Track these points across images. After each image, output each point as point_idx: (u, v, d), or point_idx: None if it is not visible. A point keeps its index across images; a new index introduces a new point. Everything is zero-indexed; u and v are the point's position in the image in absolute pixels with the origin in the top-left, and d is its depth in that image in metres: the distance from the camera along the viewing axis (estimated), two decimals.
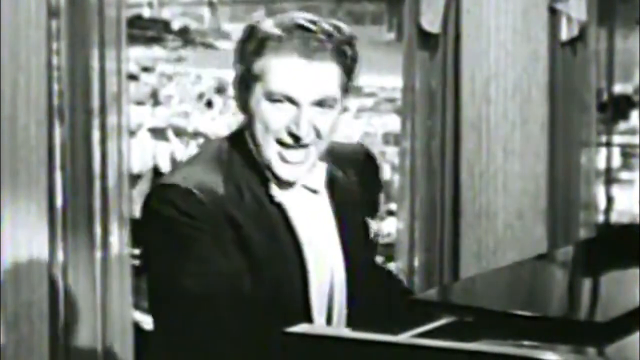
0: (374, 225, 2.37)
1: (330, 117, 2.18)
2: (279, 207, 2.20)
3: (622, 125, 5.62)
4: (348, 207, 2.31)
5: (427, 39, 4.26)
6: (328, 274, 2.26)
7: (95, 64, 4.03)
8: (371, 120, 6.76)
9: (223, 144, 2.24)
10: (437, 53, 4.27)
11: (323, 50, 2.13)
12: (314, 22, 2.16)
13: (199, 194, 2.12)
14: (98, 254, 4.07)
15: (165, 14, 6.67)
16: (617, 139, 5.16)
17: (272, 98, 2.13)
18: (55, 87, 4.00)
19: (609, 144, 4.71)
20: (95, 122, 4.05)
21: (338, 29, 2.18)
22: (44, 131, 3.96)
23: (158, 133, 6.33)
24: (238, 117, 2.32)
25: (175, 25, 6.71)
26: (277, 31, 2.13)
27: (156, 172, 5.88)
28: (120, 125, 4.08)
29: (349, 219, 2.30)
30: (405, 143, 4.33)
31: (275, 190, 2.20)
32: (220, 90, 6.79)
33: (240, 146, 2.22)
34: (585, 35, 4.29)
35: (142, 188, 5.53)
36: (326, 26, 2.16)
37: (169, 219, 2.12)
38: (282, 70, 2.12)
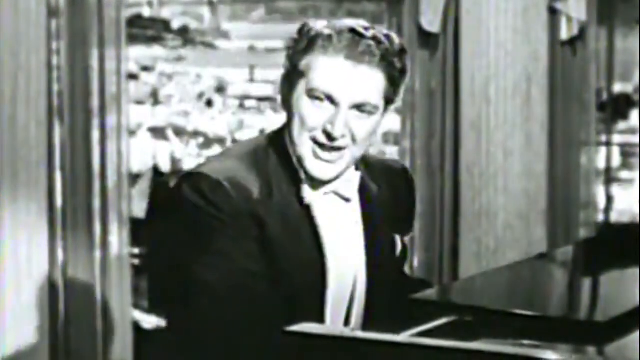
0: (399, 244, 2.37)
1: (368, 123, 2.17)
2: (307, 210, 2.20)
3: (621, 125, 5.63)
4: (378, 220, 2.30)
5: (427, 39, 4.27)
6: (350, 282, 2.25)
7: (95, 63, 4.03)
8: None
9: (261, 142, 2.25)
10: (437, 53, 4.27)
11: (371, 55, 2.13)
12: (366, 28, 2.16)
13: (229, 187, 2.12)
14: (98, 254, 4.07)
15: (165, 13, 6.67)
16: (617, 138, 5.17)
17: (312, 95, 2.13)
18: (55, 86, 4.01)
19: (608, 144, 4.72)
20: (95, 122, 4.05)
21: (389, 38, 2.17)
22: (43, 131, 3.96)
23: (158, 132, 6.33)
24: (238, 117, 2.31)
25: (175, 24, 6.71)
26: (328, 31, 2.14)
27: (156, 171, 5.88)
28: (120, 125, 4.08)
29: (377, 232, 2.29)
30: (405, 143, 4.34)
31: (306, 191, 2.20)
32: (220, 89, 6.79)
33: (278, 145, 2.22)
34: (585, 35, 4.29)
35: (142, 188, 5.53)
36: (378, 34, 2.16)
37: (196, 208, 2.12)
38: (327, 68, 2.13)
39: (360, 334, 1.77)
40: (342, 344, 1.73)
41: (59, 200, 4.03)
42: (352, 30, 2.13)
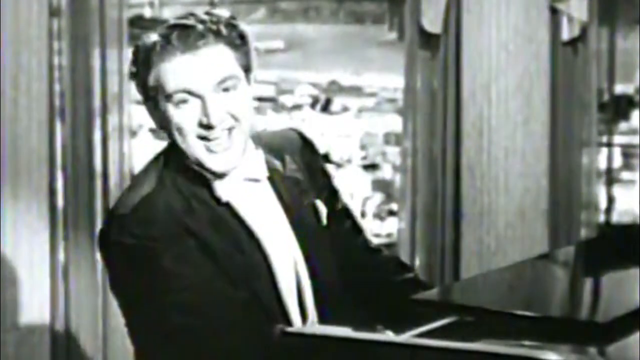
0: (323, 208, 2.35)
1: (238, 98, 2.17)
2: (228, 206, 2.20)
3: (623, 125, 5.63)
4: (292, 195, 2.29)
5: (428, 39, 4.27)
6: (292, 263, 2.26)
7: (96, 64, 4.03)
8: (372, 120, 6.77)
9: (160, 159, 2.26)
10: (439, 53, 4.27)
11: (203, 37, 2.13)
12: (187, 17, 2.17)
13: (152, 213, 2.13)
14: (99, 254, 4.06)
15: (166, 14, 6.67)
16: (618, 139, 5.17)
17: (174, 100, 2.14)
18: (57, 87, 4.00)
19: (610, 144, 4.72)
20: (97, 122, 4.05)
21: (212, 15, 2.18)
22: (45, 131, 3.96)
23: (159, 133, 6.33)
24: None
25: None
26: (156, 39, 2.15)
27: None
28: (122, 125, 4.08)
29: (296, 206, 2.29)
30: (407, 143, 4.34)
31: (219, 190, 2.20)
32: None
33: (175, 157, 2.22)
34: (586, 35, 4.29)
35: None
36: (201, 16, 2.17)
37: (131, 247, 2.12)
38: (172, 71, 2.13)
39: (361, 334, 1.77)
40: (342, 344, 1.73)
41: (60, 201, 4.03)
42: (175, 26, 2.15)
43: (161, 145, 2.32)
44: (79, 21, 4.00)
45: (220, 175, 2.20)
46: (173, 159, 2.23)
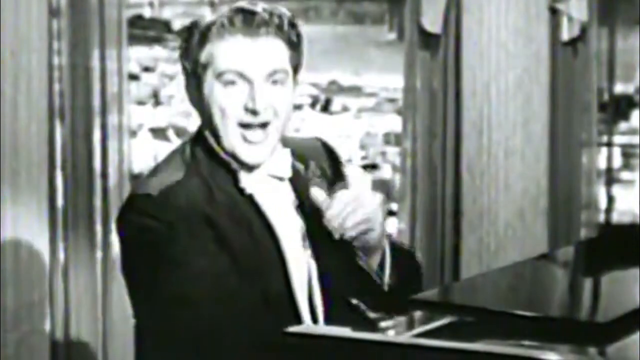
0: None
1: (283, 93, 2.20)
2: (250, 199, 2.21)
3: (623, 125, 5.62)
4: (308, 195, 2.30)
5: (428, 39, 4.27)
6: (305, 265, 2.26)
7: (96, 64, 4.03)
8: (372, 120, 6.76)
9: (187, 147, 2.27)
10: (438, 53, 4.27)
11: (266, 27, 2.17)
12: (254, 4, 2.21)
13: (172, 198, 2.14)
14: (99, 254, 4.07)
15: (166, 14, 6.66)
16: (618, 139, 5.16)
17: (224, 80, 2.17)
18: (56, 87, 4.00)
19: (609, 144, 4.71)
20: (96, 122, 4.05)
21: (276, 9, 2.22)
22: (44, 131, 3.96)
23: (159, 133, 6.33)
24: None
25: (176, 25, 6.71)
26: (219, 19, 2.19)
27: None
28: (121, 125, 4.08)
29: (315, 211, 2.29)
30: (407, 143, 4.34)
31: (244, 181, 2.21)
32: None
33: (203, 146, 2.24)
34: (586, 35, 4.29)
35: None
36: (267, 7, 2.21)
37: (147, 229, 2.13)
38: (229, 50, 2.17)
39: (361, 334, 1.77)
40: (342, 344, 1.73)
41: (59, 201, 4.03)
42: (242, 10, 2.18)
43: (161, 145, 2.33)
44: (79, 21, 4.00)
45: (248, 168, 2.21)
46: (200, 148, 2.24)
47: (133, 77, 5.88)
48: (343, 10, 6.23)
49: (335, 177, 2.38)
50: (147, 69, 6.69)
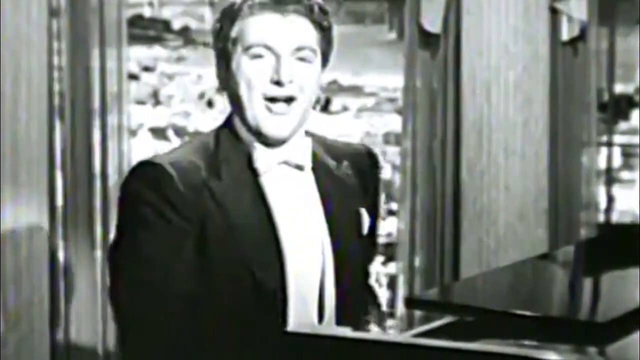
0: (367, 218, 2.35)
1: (310, 71, 2.22)
2: (258, 185, 2.21)
3: (622, 125, 5.62)
4: (336, 192, 2.30)
5: (428, 39, 4.26)
6: (318, 260, 2.25)
7: (95, 63, 4.03)
8: (372, 119, 6.76)
9: (211, 133, 2.30)
10: (438, 53, 4.27)
11: (297, 4, 2.21)
12: None
13: (172, 171, 2.15)
14: (98, 254, 4.07)
15: (166, 13, 6.66)
16: (618, 138, 5.16)
17: (251, 53, 2.20)
18: (56, 87, 4.01)
19: (609, 144, 4.71)
20: (96, 122, 4.05)
21: None
22: (44, 131, 3.96)
23: (159, 133, 6.33)
24: None
25: (176, 24, 6.71)
26: None
27: None
28: (121, 125, 4.08)
29: (337, 206, 2.29)
30: (406, 143, 4.33)
31: (259, 160, 2.22)
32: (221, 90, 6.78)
33: (228, 128, 2.26)
34: (586, 35, 4.29)
35: None
36: None
37: (139, 196, 2.15)
38: (258, 25, 2.20)
39: (361, 334, 1.77)
40: (342, 344, 1.73)
41: (59, 200, 4.03)
42: None
43: (161, 145, 2.33)
44: (79, 21, 4.00)
45: (270, 144, 2.21)
46: (225, 131, 2.26)
47: (133, 76, 5.88)
48: (343, 10, 6.22)
49: (368, 183, 2.38)
50: (146, 69, 6.69)
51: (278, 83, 2.18)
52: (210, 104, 6.71)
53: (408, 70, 4.30)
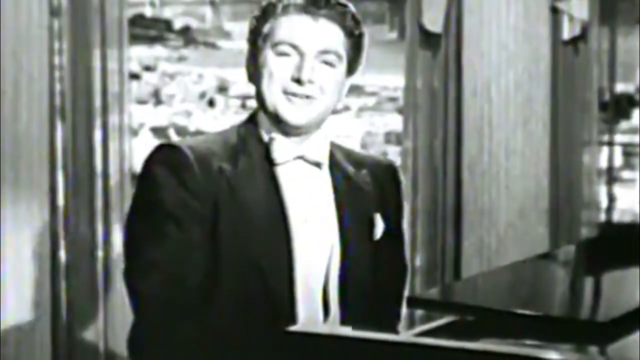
0: (381, 224, 2.36)
1: (333, 74, 2.25)
2: (273, 177, 2.23)
3: (623, 125, 5.62)
4: (351, 195, 2.32)
5: (429, 39, 4.27)
6: (325, 259, 2.26)
7: (97, 63, 4.03)
8: (373, 119, 6.77)
9: (233, 128, 2.32)
10: (439, 52, 4.27)
11: (329, 10, 2.25)
12: None
13: (190, 154, 2.18)
14: (100, 253, 4.07)
15: (167, 13, 6.67)
16: (618, 138, 5.16)
17: (278, 50, 2.23)
18: (57, 86, 4.00)
19: (610, 143, 4.71)
20: (97, 122, 4.05)
21: (342, 3, 2.29)
22: (45, 130, 3.96)
23: (160, 132, 6.34)
24: (240, 116, 2.35)
25: (177, 24, 6.71)
26: None
27: None
28: (122, 125, 4.08)
29: (352, 209, 2.31)
30: (407, 142, 4.34)
31: (276, 151, 2.24)
32: (221, 89, 6.79)
33: (247, 122, 2.30)
34: (586, 34, 4.29)
35: None
36: None
37: (156, 178, 2.18)
38: (288, 24, 2.24)
39: (361, 334, 1.77)
40: (342, 344, 1.73)
41: (60, 200, 4.03)
42: None
43: None
44: (80, 21, 4.00)
45: (287, 132, 2.24)
46: (246, 122, 2.30)
47: (134, 76, 5.89)
48: None
49: (386, 195, 2.39)
50: (148, 68, 6.70)
51: (298, 81, 2.21)
52: (211, 103, 6.72)
53: (409, 70, 4.30)
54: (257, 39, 2.27)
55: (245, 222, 2.18)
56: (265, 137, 2.26)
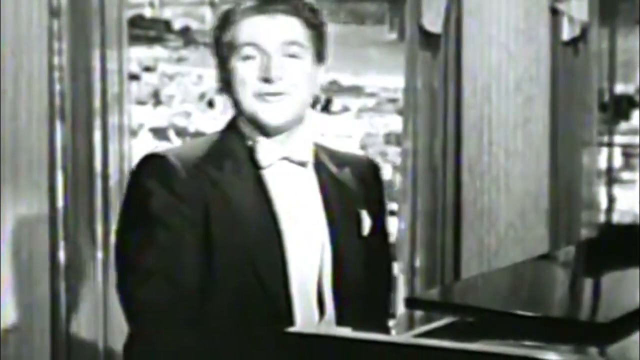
0: (367, 220, 2.36)
1: (301, 67, 2.27)
2: (260, 180, 2.25)
3: (623, 125, 5.62)
4: (337, 193, 2.33)
5: (428, 39, 4.26)
6: (316, 258, 2.27)
7: (96, 64, 4.03)
8: (373, 120, 6.76)
9: (216, 133, 2.35)
10: (439, 53, 4.27)
11: (284, 5, 2.26)
12: None
13: (177, 162, 2.19)
14: (99, 254, 4.07)
15: (167, 14, 6.66)
16: (618, 139, 5.16)
17: (242, 54, 2.25)
18: (57, 87, 4.00)
19: (610, 144, 4.71)
20: (97, 122, 4.05)
21: None
22: (45, 131, 3.96)
23: (159, 133, 6.33)
24: None
25: (177, 25, 6.71)
26: (241, 2, 2.28)
27: None
28: (122, 125, 4.08)
29: (337, 207, 2.31)
30: (407, 143, 4.33)
31: (260, 153, 2.25)
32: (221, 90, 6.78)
33: (229, 128, 2.32)
34: (586, 35, 4.29)
35: None
36: None
37: (144, 188, 2.19)
38: (247, 27, 2.26)
39: (361, 334, 1.77)
40: (341, 345, 1.73)
41: (60, 201, 4.03)
42: None
43: (162, 145, 2.35)
44: (79, 21, 4.00)
45: (268, 133, 2.25)
46: (227, 128, 2.32)
47: (133, 77, 5.88)
48: (343, 10, 6.22)
49: (370, 191, 2.41)
50: (147, 69, 6.69)
51: (267, 80, 2.23)
52: (210, 104, 6.71)
53: (409, 71, 4.30)
54: (221, 49, 2.29)
55: (237, 225, 2.18)
56: (249, 142, 2.26)
